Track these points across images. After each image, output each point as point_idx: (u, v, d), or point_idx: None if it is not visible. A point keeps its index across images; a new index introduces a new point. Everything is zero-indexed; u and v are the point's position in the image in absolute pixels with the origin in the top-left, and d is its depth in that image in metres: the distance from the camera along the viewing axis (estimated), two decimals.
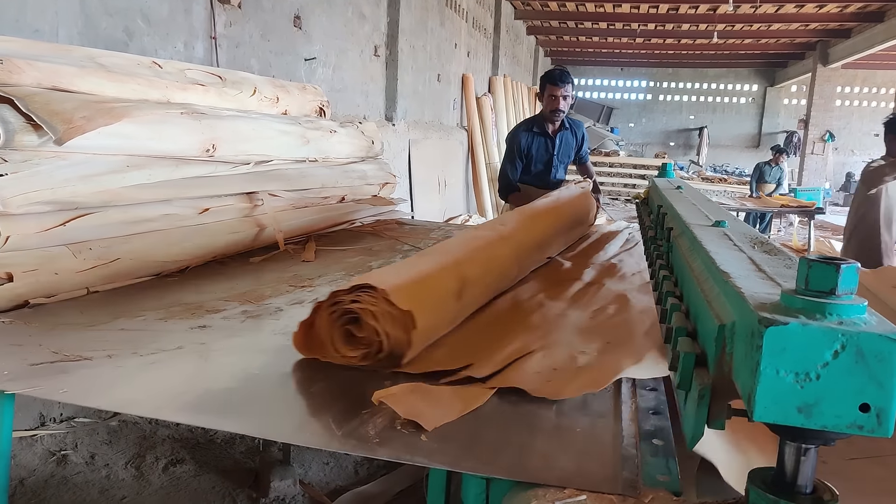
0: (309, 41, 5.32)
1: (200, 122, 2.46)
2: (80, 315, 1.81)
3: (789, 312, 0.71)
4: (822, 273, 0.73)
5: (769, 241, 1.27)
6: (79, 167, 1.98)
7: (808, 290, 0.73)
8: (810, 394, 0.69)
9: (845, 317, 0.70)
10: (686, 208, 1.86)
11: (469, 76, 10.52)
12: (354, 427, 1.15)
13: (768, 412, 0.70)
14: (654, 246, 2.01)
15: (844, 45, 15.24)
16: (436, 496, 1.19)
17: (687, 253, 1.40)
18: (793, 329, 0.69)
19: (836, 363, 0.68)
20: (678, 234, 1.66)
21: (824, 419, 0.70)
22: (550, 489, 0.95)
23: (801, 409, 0.70)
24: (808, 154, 17.25)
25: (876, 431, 0.69)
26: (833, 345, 0.68)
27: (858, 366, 0.68)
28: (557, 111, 3.98)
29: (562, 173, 4.30)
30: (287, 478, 2.60)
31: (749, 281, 0.90)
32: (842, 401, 0.69)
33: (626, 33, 16.44)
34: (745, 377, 0.74)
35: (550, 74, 4.00)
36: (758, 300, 0.77)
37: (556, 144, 4.11)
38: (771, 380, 0.69)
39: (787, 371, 0.69)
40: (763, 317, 0.70)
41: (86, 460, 2.70)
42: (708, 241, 1.23)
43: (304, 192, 3.12)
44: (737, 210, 9.88)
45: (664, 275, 1.56)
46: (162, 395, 1.31)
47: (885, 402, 0.68)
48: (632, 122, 24.52)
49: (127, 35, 3.33)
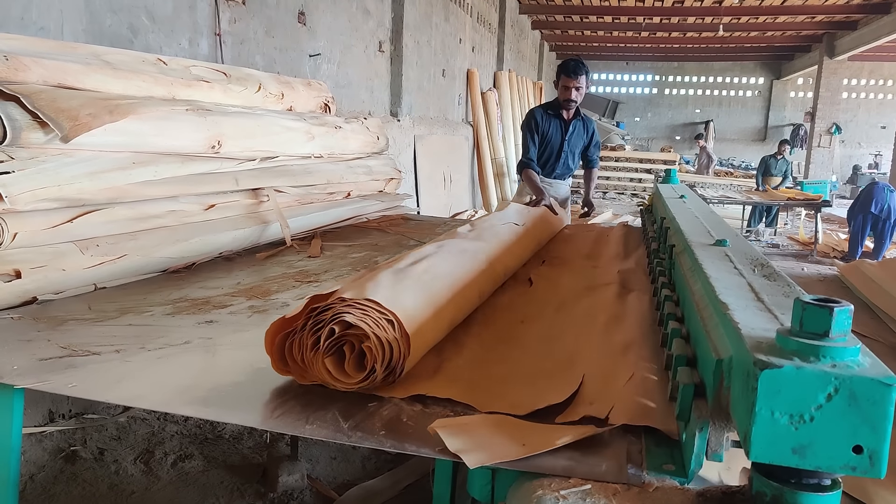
0: (313, 37, 5.32)
1: (206, 118, 2.46)
2: (87, 311, 1.82)
3: (784, 354, 0.73)
4: (815, 316, 0.74)
5: (769, 263, 1.29)
6: (85, 164, 1.99)
7: (802, 331, 0.75)
8: (805, 435, 0.71)
9: (839, 360, 0.71)
10: (689, 222, 1.86)
11: (474, 71, 10.50)
12: (361, 419, 1.15)
13: (764, 452, 0.72)
14: (658, 261, 2.02)
15: (851, 36, 15.15)
16: (442, 487, 1.20)
17: (688, 273, 1.41)
18: (787, 372, 0.70)
19: (829, 406, 0.70)
20: (680, 251, 1.67)
21: (818, 460, 0.71)
22: (555, 479, 0.95)
23: (795, 451, 0.72)
24: (814, 147, 17.17)
25: (868, 473, 0.70)
26: (826, 388, 0.70)
27: (851, 408, 0.69)
28: (570, 101, 4.16)
29: (571, 165, 4.36)
30: (295, 472, 2.61)
31: (747, 313, 0.92)
32: (835, 442, 0.70)
33: (632, 27, 16.37)
34: (742, 416, 0.76)
35: (565, 65, 4.16)
36: (754, 338, 0.79)
37: (570, 131, 4.26)
38: (766, 421, 0.71)
39: (781, 412, 0.71)
40: (758, 359, 0.72)
41: (95, 456, 2.72)
42: (709, 264, 1.26)
43: (310, 188, 3.13)
44: (743, 203, 9.87)
45: (666, 294, 1.57)
46: (170, 390, 1.32)
47: (878, 444, 0.70)
48: (637, 117, 24.45)
49: (132, 32, 3.34)
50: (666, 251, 1.92)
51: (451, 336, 1.60)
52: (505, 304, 1.96)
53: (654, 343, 1.53)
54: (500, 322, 1.78)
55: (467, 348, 1.55)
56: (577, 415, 1.16)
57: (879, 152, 21.37)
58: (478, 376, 1.36)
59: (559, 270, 2.46)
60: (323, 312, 1.28)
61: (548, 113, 4.30)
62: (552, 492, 0.92)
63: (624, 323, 1.73)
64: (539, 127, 4.26)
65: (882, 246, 8.35)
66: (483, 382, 1.33)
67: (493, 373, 1.38)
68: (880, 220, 8.35)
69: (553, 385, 1.31)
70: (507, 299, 2.01)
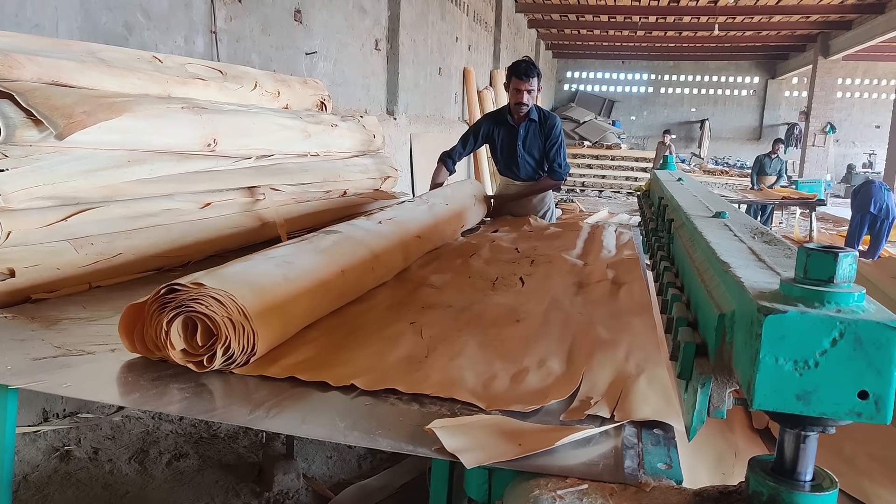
0: (310, 35, 5.31)
1: (201, 116, 2.45)
2: (82, 310, 1.81)
3: (788, 301, 0.72)
4: (820, 261, 0.73)
5: (769, 231, 1.27)
6: (80, 162, 1.98)
7: (806, 278, 0.73)
8: (809, 381, 0.69)
9: (843, 305, 0.70)
10: (687, 200, 1.85)
11: (470, 70, 10.50)
12: (357, 419, 1.15)
13: (768, 400, 0.71)
14: (656, 237, 2.01)
15: (845, 36, 15.19)
16: (439, 487, 1.20)
17: (687, 244, 1.40)
18: (791, 317, 0.69)
19: (834, 351, 0.68)
20: (679, 225, 1.66)
21: (823, 406, 0.70)
22: (552, 479, 0.95)
23: (799, 397, 0.70)
24: (809, 146, 17.21)
25: (875, 418, 0.69)
26: (831, 332, 0.68)
27: (856, 353, 0.68)
28: (521, 104, 3.94)
29: (529, 169, 4.09)
30: (291, 472, 2.61)
31: (749, 270, 0.90)
32: (840, 388, 0.69)
33: (628, 26, 16.39)
34: (745, 365, 0.75)
35: (516, 68, 3.95)
36: (757, 289, 0.78)
37: (521, 134, 4.02)
38: (770, 368, 0.70)
39: (786, 359, 0.69)
40: (762, 305, 0.70)
41: (89, 456, 2.71)
42: (708, 232, 1.23)
43: (306, 186, 3.12)
44: (738, 202, 9.88)
45: (665, 265, 1.56)
46: (163, 389, 1.31)
47: (884, 389, 0.68)
48: (633, 115, 24.46)
49: (127, 30, 3.33)
50: (664, 227, 1.91)
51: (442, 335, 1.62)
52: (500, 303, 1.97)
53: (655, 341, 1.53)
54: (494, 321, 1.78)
55: (459, 345, 1.55)
56: (582, 413, 1.16)
57: (874, 151, 21.43)
58: (474, 375, 1.36)
59: (547, 269, 2.47)
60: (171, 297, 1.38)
61: (495, 122, 4.08)
62: (549, 491, 0.91)
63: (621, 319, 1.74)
64: (479, 138, 4.07)
65: (878, 245, 8.38)
66: (483, 382, 1.33)
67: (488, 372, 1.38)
68: (878, 220, 8.39)
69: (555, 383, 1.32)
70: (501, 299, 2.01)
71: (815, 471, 0.80)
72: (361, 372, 1.34)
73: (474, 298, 2.01)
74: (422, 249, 2.49)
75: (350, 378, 1.30)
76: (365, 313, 1.81)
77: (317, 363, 1.40)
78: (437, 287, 2.14)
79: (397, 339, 1.58)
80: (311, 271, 1.68)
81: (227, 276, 1.45)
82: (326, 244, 1.90)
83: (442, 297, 2.02)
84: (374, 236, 2.15)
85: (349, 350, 1.50)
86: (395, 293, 2.04)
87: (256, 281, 1.47)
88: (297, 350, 1.48)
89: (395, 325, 1.70)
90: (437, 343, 1.56)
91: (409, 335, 1.62)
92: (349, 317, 1.77)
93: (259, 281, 1.48)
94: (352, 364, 1.40)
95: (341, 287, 1.80)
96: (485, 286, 2.19)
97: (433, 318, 1.78)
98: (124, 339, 1.39)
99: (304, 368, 1.36)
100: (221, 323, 1.32)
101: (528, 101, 3.92)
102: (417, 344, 1.56)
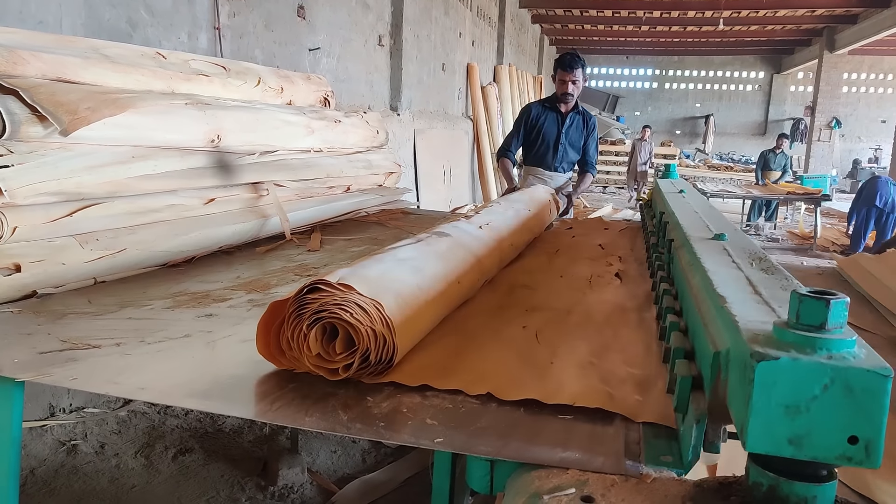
0: (313, 31, 5.31)
1: (205, 112, 2.46)
2: (87, 304, 1.82)
3: (780, 346, 0.73)
4: (812, 308, 0.74)
5: (767, 258, 1.29)
6: (84, 158, 1.99)
7: (798, 323, 0.75)
8: (801, 426, 0.71)
9: (835, 351, 0.72)
10: (687, 217, 1.86)
11: (474, 65, 10.49)
12: (360, 411, 1.16)
13: (760, 443, 0.73)
14: (657, 254, 2.01)
15: (851, 30, 15.13)
16: (441, 480, 1.20)
17: (687, 267, 1.42)
18: (783, 364, 0.71)
19: (825, 396, 0.70)
20: (679, 245, 1.67)
21: (814, 451, 0.72)
22: (553, 471, 0.95)
23: (791, 441, 0.72)
24: (814, 141, 17.16)
25: (864, 463, 0.70)
26: (822, 379, 0.70)
27: (847, 399, 0.70)
28: (567, 94, 4.23)
29: (570, 156, 4.38)
30: (295, 466, 2.62)
31: (745, 306, 0.93)
32: (831, 433, 0.71)
33: (632, 21, 16.35)
34: (739, 407, 0.77)
35: (561, 59, 4.25)
36: (751, 331, 0.80)
37: (567, 123, 4.31)
38: (762, 412, 0.72)
39: (777, 404, 0.71)
40: (755, 351, 0.72)
41: (95, 450, 2.73)
42: (707, 258, 1.27)
43: (310, 182, 3.12)
44: (743, 197, 9.87)
45: (665, 288, 1.58)
46: (170, 382, 1.32)
47: (874, 435, 0.70)
48: (638, 111, 24.42)
49: (130, 26, 3.34)
50: (665, 245, 1.93)
51: (557, 338, 1.57)
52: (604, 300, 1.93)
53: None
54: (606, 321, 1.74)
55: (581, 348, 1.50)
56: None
57: (879, 146, 21.35)
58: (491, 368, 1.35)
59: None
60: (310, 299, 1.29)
61: (544, 106, 4.38)
62: (550, 483, 0.92)
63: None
64: (530, 121, 4.34)
65: (883, 240, 8.37)
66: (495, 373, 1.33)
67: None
68: (884, 214, 8.38)
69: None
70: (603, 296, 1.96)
71: None
72: (490, 378, 1.29)
73: (574, 298, 1.94)
74: (512, 256, 2.43)
75: (483, 386, 1.25)
76: (471, 317, 1.74)
77: (443, 369, 1.34)
78: (533, 288, 2.07)
79: (514, 344, 1.52)
80: (436, 279, 1.62)
81: (372, 281, 1.37)
82: (442, 249, 1.83)
83: (541, 298, 1.95)
84: (478, 242, 2.08)
85: (470, 355, 1.44)
86: (492, 296, 1.97)
87: (397, 290, 1.41)
88: (418, 355, 1.42)
89: (506, 330, 1.63)
90: (557, 347, 1.50)
91: (524, 340, 1.56)
92: (457, 321, 1.70)
93: (399, 289, 1.42)
94: (477, 371, 1.34)
95: (457, 296, 1.75)
96: (581, 285, 2.12)
97: (542, 321, 1.71)
98: (262, 338, 1.31)
99: (433, 375, 1.30)
100: (365, 333, 1.25)
101: (574, 91, 4.23)
102: (537, 348, 1.50)
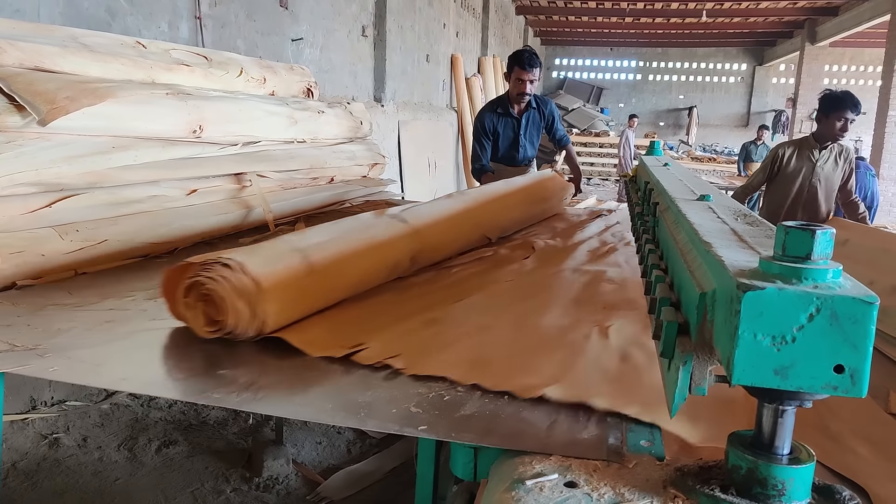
0: (296, 21, 5.27)
1: (186, 102, 2.44)
2: (68, 296, 1.81)
3: (766, 278, 0.73)
4: (798, 239, 0.74)
5: (752, 213, 1.29)
6: (63, 148, 1.97)
7: (785, 255, 0.75)
8: (786, 356, 0.71)
9: (820, 281, 0.72)
10: (672, 183, 1.86)
11: (458, 57, 10.46)
12: (344, 401, 1.16)
13: (746, 375, 0.72)
14: (641, 221, 2.02)
15: (832, 22, 15.23)
16: (425, 467, 1.21)
17: (672, 226, 1.41)
18: (769, 294, 0.70)
19: (811, 326, 0.70)
20: (664, 208, 1.67)
21: (800, 381, 0.71)
22: (536, 457, 0.96)
23: (777, 372, 0.71)
24: (796, 132, 17.28)
25: (850, 392, 0.70)
26: (808, 308, 0.70)
27: (833, 328, 0.69)
28: (523, 94, 3.95)
29: (531, 152, 4.23)
30: (280, 457, 2.62)
31: (730, 250, 0.91)
32: (817, 362, 0.70)
33: (616, 12, 16.35)
34: (725, 342, 0.76)
35: (519, 57, 3.91)
36: (737, 267, 0.79)
37: (522, 124, 4.09)
38: (749, 343, 0.71)
39: (764, 334, 0.71)
40: (741, 282, 0.72)
41: (78, 443, 2.70)
42: (692, 214, 1.24)
43: (293, 173, 3.11)
44: (725, 189, 9.94)
45: (650, 248, 1.57)
46: (152, 373, 1.31)
47: (859, 363, 0.70)
48: (622, 103, 24.44)
49: (109, 15, 3.29)
50: (650, 211, 1.92)
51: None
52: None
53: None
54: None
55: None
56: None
57: (860, 138, 21.51)
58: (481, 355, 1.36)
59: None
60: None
61: (497, 113, 4.09)
62: (533, 469, 0.93)
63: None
64: (489, 131, 4.09)
65: None
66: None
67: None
68: None
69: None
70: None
71: (793, 445, 0.82)
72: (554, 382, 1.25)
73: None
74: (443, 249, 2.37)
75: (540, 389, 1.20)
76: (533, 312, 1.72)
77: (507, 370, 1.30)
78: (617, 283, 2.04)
79: (585, 345, 1.49)
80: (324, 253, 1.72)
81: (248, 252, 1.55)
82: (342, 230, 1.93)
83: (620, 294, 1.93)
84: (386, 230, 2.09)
85: (535, 356, 1.41)
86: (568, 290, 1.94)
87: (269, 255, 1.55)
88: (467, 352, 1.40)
89: (579, 329, 1.60)
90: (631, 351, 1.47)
91: (597, 342, 1.52)
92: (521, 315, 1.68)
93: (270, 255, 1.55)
94: (541, 373, 1.30)
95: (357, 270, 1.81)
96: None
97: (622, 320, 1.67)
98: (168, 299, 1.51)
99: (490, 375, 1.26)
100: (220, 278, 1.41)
101: (531, 90, 3.93)
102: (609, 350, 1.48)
